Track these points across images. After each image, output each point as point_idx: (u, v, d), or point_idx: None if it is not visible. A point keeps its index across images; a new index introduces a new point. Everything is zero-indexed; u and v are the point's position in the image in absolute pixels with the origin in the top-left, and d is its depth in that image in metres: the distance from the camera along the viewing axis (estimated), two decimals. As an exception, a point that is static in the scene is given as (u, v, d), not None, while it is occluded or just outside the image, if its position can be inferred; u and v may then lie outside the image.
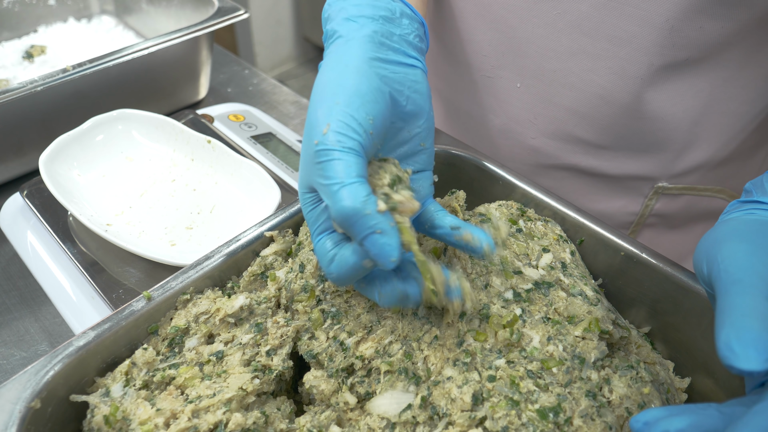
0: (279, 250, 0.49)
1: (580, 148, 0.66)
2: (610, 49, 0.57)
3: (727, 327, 0.29)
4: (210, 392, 0.41)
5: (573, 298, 0.45)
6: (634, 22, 0.54)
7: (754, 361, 0.27)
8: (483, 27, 0.64)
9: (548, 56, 0.61)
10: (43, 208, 0.65)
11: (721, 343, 0.29)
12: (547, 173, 0.70)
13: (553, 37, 0.59)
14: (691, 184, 0.67)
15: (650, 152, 0.64)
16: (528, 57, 0.62)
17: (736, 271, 0.32)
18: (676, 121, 0.61)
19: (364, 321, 0.45)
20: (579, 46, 0.58)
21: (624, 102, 0.59)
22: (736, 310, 0.30)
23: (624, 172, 0.67)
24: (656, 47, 0.55)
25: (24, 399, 0.38)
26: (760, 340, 0.28)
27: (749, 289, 0.30)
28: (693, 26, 0.53)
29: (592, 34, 0.57)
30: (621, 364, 0.43)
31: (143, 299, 0.44)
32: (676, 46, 0.55)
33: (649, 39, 0.55)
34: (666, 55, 0.55)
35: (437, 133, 0.60)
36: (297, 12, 2.81)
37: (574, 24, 0.57)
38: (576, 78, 0.60)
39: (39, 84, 0.70)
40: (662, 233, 0.73)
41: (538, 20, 0.59)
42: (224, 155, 0.69)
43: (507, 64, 0.64)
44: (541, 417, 0.38)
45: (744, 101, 0.60)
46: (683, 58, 0.56)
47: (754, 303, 0.30)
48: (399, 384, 0.41)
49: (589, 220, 0.52)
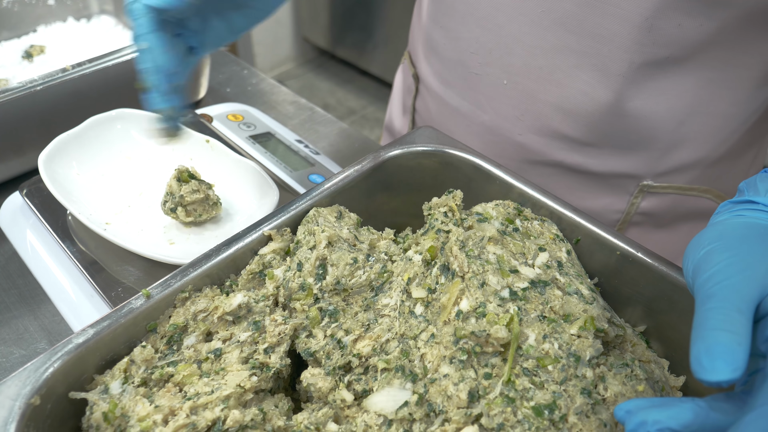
0: (277, 248, 0.50)
1: (565, 144, 0.67)
2: (593, 47, 0.58)
3: (698, 342, 0.30)
4: (208, 389, 0.41)
5: (569, 297, 0.45)
6: (614, 21, 0.56)
7: (721, 372, 0.28)
8: (471, 24, 0.65)
9: (534, 53, 0.62)
10: (42, 207, 0.65)
11: (692, 358, 0.30)
12: (534, 170, 0.71)
13: (539, 34, 0.60)
14: (677, 183, 0.68)
15: (635, 150, 0.65)
16: (514, 54, 0.63)
17: (712, 286, 0.33)
18: (661, 120, 0.62)
19: (361, 319, 0.45)
20: (564, 44, 0.59)
21: (607, 99, 0.60)
22: (707, 325, 0.31)
23: (609, 170, 0.67)
24: (636, 45, 0.56)
25: (24, 396, 0.38)
26: (728, 352, 0.29)
27: (722, 303, 0.31)
28: (671, 24, 0.54)
29: (576, 32, 0.58)
30: (616, 362, 0.43)
31: (142, 297, 0.44)
32: (656, 44, 0.56)
33: (629, 37, 0.56)
34: (646, 53, 0.56)
35: (433, 131, 0.60)
36: (296, 12, 2.81)
37: (558, 21, 0.58)
38: (561, 74, 0.61)
39: (38, 84, 0.70)
40: (649, 232, 0.73)
41: (525, 18, 0.60)
42: (223, 155, 0.69)
43: (494, 62, 0.65)
44: (537, 414, 0.38)
45: (732, 103, 0.61)
46: (664, 56, 0.57)
47: (724, 317, 0.30)
48: (396, 381, 0.41)
49: (585, 219, 0.52)
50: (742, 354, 0.29)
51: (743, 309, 0.31)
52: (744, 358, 0.29)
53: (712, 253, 0.35)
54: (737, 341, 0.29)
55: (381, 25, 2.52)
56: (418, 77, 0.80)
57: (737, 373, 0.28)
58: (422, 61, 0.77)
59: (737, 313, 0.31)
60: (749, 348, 0.29)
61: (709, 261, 0.34)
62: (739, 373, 0.28)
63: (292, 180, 0.73)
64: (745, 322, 0.30)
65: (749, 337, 0.30)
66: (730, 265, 0.33)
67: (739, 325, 0.30)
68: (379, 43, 2.59)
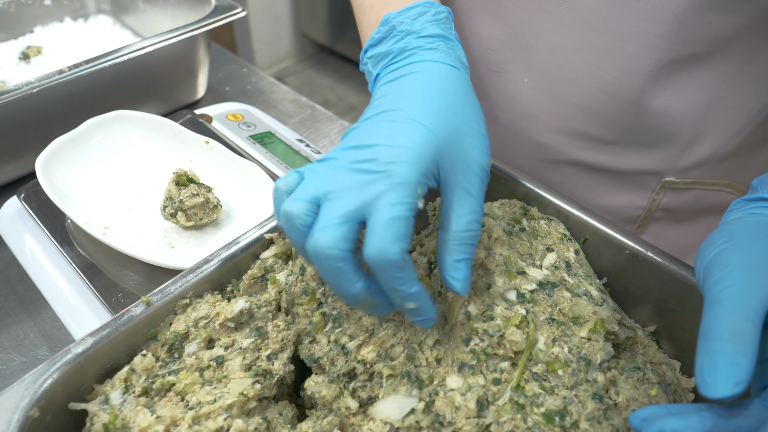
0: (279, 252, 0.49)
1: (586, 143, 0.65)
2: (617, 45, 0.56)
3: (701, 353, 0.30)
4: (210, 398, 0.40)
5: (578, 299, 0.44)
6: (641, 18, 0.54)
7: (722, 388, 0.28)
8: (491, 21, 0.64)
9: (556, 51, 0.60)
10: (40, 212, 0.64)
11: (696, 370, 0.29)
12: (553, 169, 0.70)
13: (561, 32, 0.59)
14: (698, 179, 0.67)
15: (657, 147, 0.64)
16: (536, 52, 0.62)
17: (720, 290, 0.32)
18: (683, 116, 0.60)
19: (365, 324, 0.44)
20: (586, 42, 0.58)
21: (630, 97, 0.59)
22: (711, 334, 0.30)
23: (631, 167, 0.66)
24: (665, 43, 0.54)
25: (22, 408, 0.37)
26: (731, 364, 0.28)
27: (728, 310, 0.31)
28: (702, 21, 0.53)
29: (600, 30, 0.57)
30: (627, 365, 0.42)
31: (142, 304, 0.43)
32: (684, 42, 0.54)
33: (657, 35, 0.54)
34: (674, 51, 0.55)
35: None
36: (295, 8, 2.79)
37: (581, 19, 0.57)
38: (582, 74, 0.60)
39: (35, 86, 0.69)
40: (669, 227, 0.72)
41: (547, 14, 0.59)
42: (223, 156, 0.68)
43: (514, 59, 0.64)
44: (547, 421, 0.37)
45: (751, 95, 0.60)
46: (690, 53, 0.55)
47: (729, 324, 0.30)
48: (402, 388, 0.40)
49: (592, 218, 0.51)
50: (746, 366, 0.28)
51: (750, 315, 0.30)
52: (748, 370, 0.28)
53: (722, 255, 0.34)
54: (742, 352, 0.29)
55: (381, 20, 2.50)
56: None
57: (739, 387, 0.28)
58: None
59: (743, 321, 0.30)
60: (755, 358, 0.29)
61: (718, 263, 0.34)
62: (742, 388, 0.28)
63: (293, 180, 0.71)
64: (752, 330, 0.30)
65: (756, 346, 0.29)
66: (740, 267, 0.33)
67: (745, 334, 0.29)
68: (379, 38, 2.57)
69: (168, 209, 0.61)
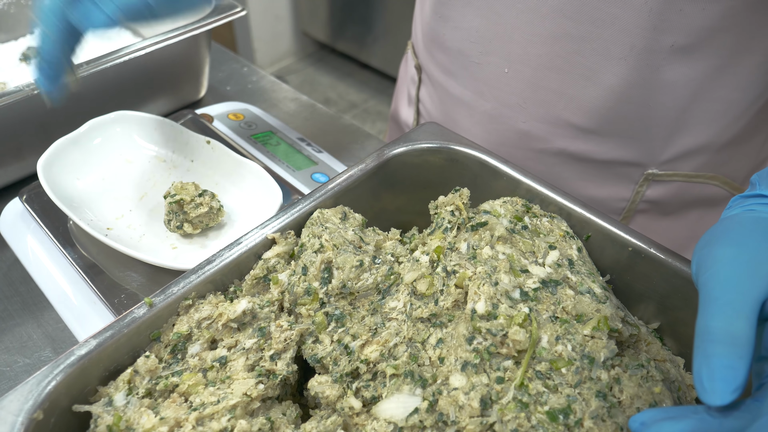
0: (281, 252, 0.49)
1: (569, 132, 0.67)
2: (593, 31, 0.58)
3: (698, 357, 0.30)
4: (214, 399, 0.40)
5: (581, 296, 0.44)
6: (615, 4, 0.56)
7: (719, 395, 0.28)
8: (471, 14, 0.65)
9: (533, 41, 0.62)
10: (42, 213, 0.64)
11: (695, 375, 0.30)
12: (538, 158, 0.71)
13: (537, 21, 0.60)
14: (682, 171, 0.68)
15: (638, 138, 0.65)
16: (514, 42, 0.63)
17: (715, 287, 0.32)
18: (665, 109, 0.62)
19: (368, 323, 0.44)
20: (563, 30, 0.59)
21: (610, 84, 0.60)
22: (706, 335, 0.30)
23: (613, 158, 0.67)
24: (637, 29, 0.56)
25: (26, 410, 0.37)
26: (728, 368, 0.29)
27: (724, 308, 0.31)
28: (673, 8, 0.54)
29: (575, 18, 0.58)
30: (631, 362, 0.42)
31: (145, 306, 0.43)
32: (657, 29, 0.55)
33: (630, 21, 0.56)
34: (648, 38, 0.56)
35: (438, 127, 0.59)
36: (295, 7, 2.79)
37: (556, 8, 0.58)
38: (562, 61, 0.61)
39: (36, 87, 0.69)
40: (655, 219, 0.73)
41: (522, 5, 0.60)
42: (224, 156, 0.68)
43: (494, 50, 0.65)
44: (551, 419, 0.37)
45: (736, 88, 0.61)
46: (668, 44, 0.56)
47: (725, 325, 0.30)
48: (405, 387, 0.40)
49: (595, 215, 0.51)
50: (743, 369, 0.29)
51: (746, 312, 0.30)
52: (745, 374, 0.29)
53: (717, 250, 0.34)
54: (738, 354, 0.29)
55: (381, 17, 2.50)
56: (421, 68, 0.80)
57: (737, 393, 0.28)
58: (424, 52, 0.77)
59: (739, 319, 0.30)
60: (751, 358, 0.29)
61: (712, 258, 0.34)
62: (740, 392, 0.28)
63: (295, 180, 0.72)
64: (747, 329, 0.30)
65: (752, 346, 0.29)
66: (735, 262, 0.33)
67: (741, 334, 0.30)
68: (379, 35, 2.57)
69: (173, 222, 0.62)
